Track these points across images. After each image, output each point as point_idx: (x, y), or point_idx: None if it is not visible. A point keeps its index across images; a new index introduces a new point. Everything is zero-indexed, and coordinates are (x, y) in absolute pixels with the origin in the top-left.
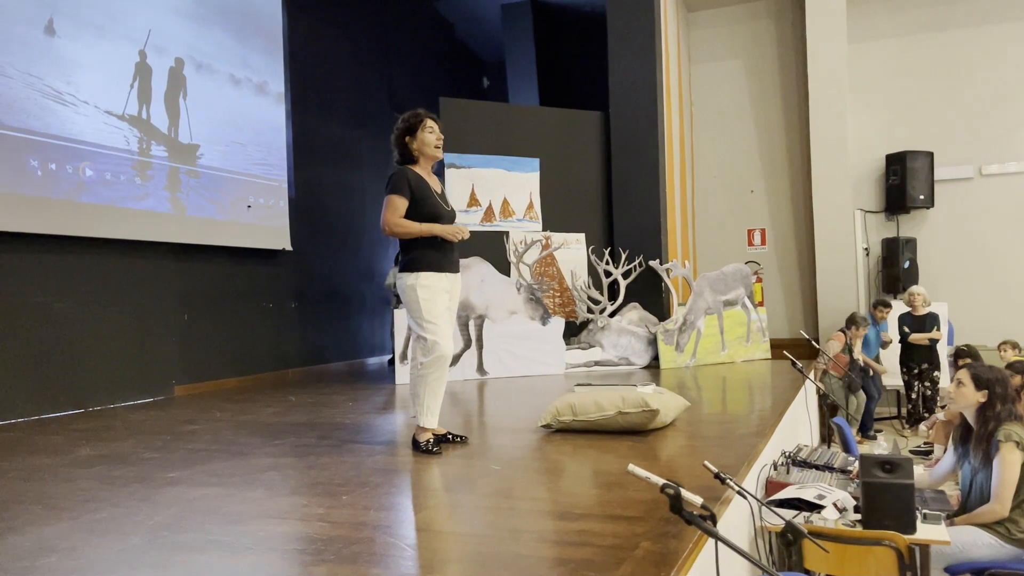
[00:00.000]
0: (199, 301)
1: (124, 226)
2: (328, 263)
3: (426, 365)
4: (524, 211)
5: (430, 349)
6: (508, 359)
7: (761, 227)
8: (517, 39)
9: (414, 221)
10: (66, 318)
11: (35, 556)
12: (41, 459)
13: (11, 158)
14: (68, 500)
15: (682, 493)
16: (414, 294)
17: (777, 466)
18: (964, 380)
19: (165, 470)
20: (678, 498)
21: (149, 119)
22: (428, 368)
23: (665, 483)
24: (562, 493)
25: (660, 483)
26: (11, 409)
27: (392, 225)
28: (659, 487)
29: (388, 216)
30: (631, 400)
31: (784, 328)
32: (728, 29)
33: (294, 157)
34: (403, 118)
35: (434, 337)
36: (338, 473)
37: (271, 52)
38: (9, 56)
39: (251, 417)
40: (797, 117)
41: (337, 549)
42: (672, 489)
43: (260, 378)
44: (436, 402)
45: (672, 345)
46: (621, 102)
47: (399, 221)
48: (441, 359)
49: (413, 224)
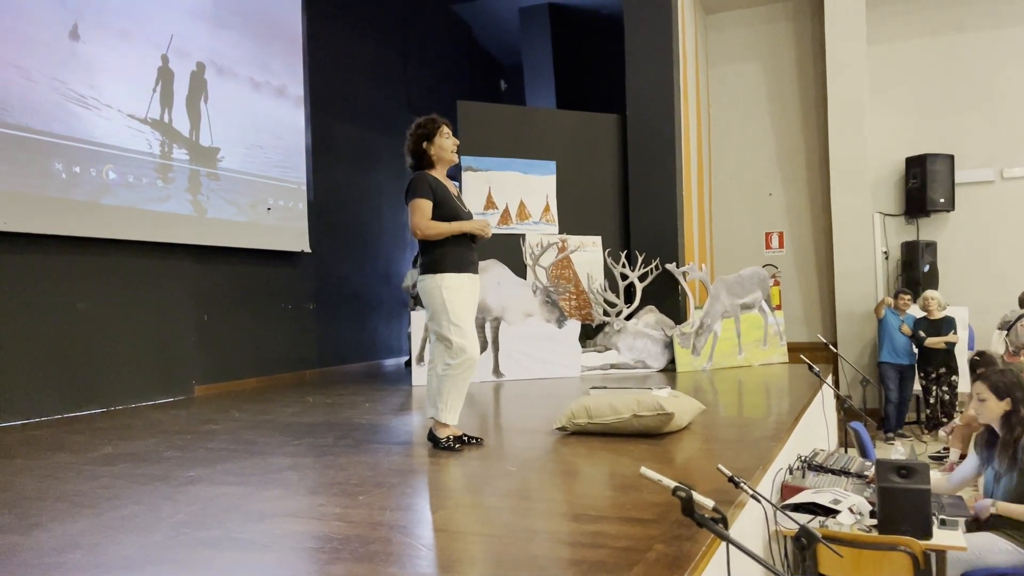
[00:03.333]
0: (219, 302)
1: (146, 228)
2: (346, 265)
3: (454, 367)
4: (541, 214)
5: (457, 352)
6: (524, 361)
7: (779, 230)
8: (534, 42)
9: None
10: (89, 318)
11: (59, 552)
12: (66, 457)
13: (36, 161)
14: (92, 497)
15: (694, 496)
16: (439, 295)
17: (793, 470)
18: (984, 394)
19: (186, 468)
20: (690, 501)
21: (171, 122)
22: (457, 369)
23: (677, 485)
24: (577, 495)
25: (672, 486)
26: (36, 408)
27: (423, 228)
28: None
29: (417, 220)
30: (646, 403)
31: (802, 332)
32: (746, 31)
33: (313, 160)
34: (418, 124)
35: (460, 339)
36: (355, 473)
37: (290, 56)
38: (34, 60)
39: (270, 417)
40: (816, 120)
41: (354, 548)
42: (684, 492)
43: (279, 378)
44: (460, 401)
45: (688, 348)
46: (638, 105)
47: (429, 223)
48: (469, 361)
49: (443, 224)
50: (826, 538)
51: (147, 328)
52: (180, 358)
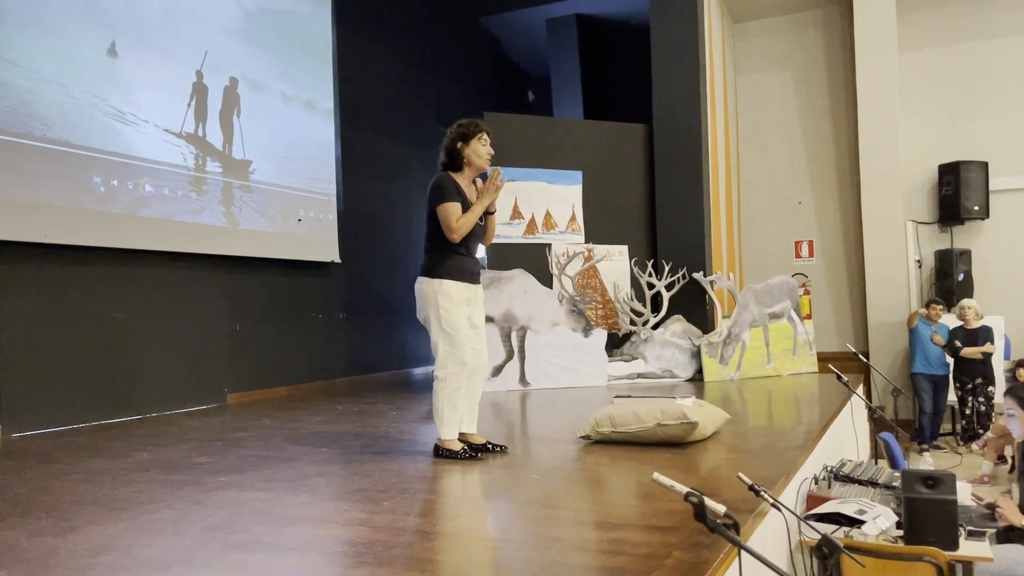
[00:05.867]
0: (251, 312)
1: (180, 239)
2: (376, 275)
3: (441, 379)
4: (567, 223)
5: (444, 361)
6: (550, 370)
7: (809, 239)
8: (562, 52)
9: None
10: (126, 328)
11: (94, 554)
12: (102, 463)
13: (76, 174)
14: (126, 501)
15: (706, 502)
16: (434, 300)
17: (818, 480)
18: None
19: (217, 474)
20: (702, 506)
21: (205, 136)
22: (446, 381)
23: (689, 492)
24: (599, 503)
25: (684, 491)
26: (75, 415)
27: (457, 228)
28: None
29: (451, 223)
30: (670, 412)
31: (833, 341)
32: (775, 39)
33: (343, 171)
34: (460, 123)
35: (449, 347)
36: (380, 480)
37: (321, 70)
38: (75, 78)
39: (299, 425)
40: (846, 127)
41: (376, 552)
42: (696, 498)
43: (309, 387)
44: (455, 414)
45: (716, 358)
46: (665, 114)
47: (459, 222)
48: (459, 371)
49: (470, 213)
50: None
51: (181, 337)
52: (213, 367)
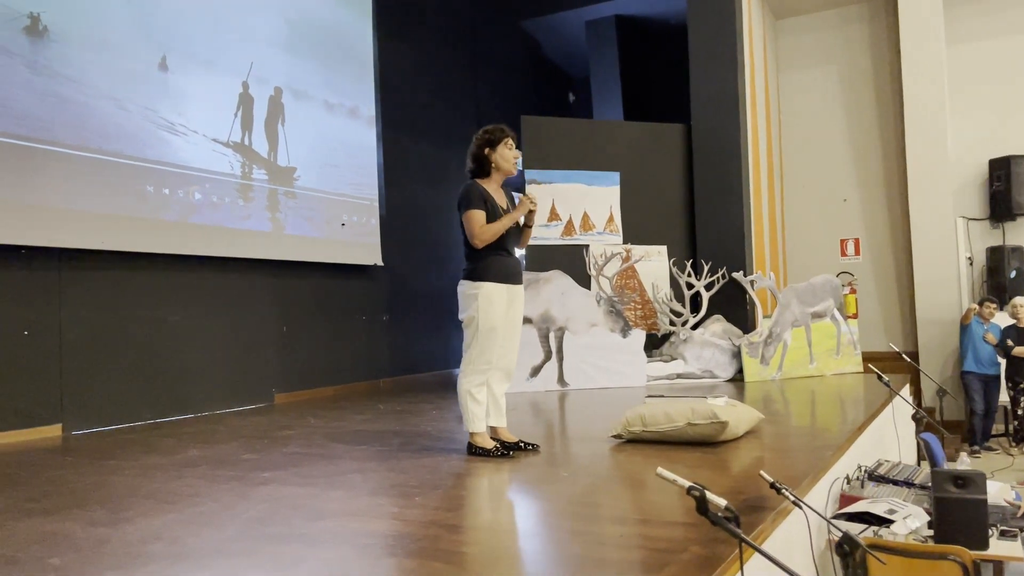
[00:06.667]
0: (297, 314)
1: (229, 245)
2: (418, 277)
3: (465, 372)
4: (604, 224)
5: (473, 358)
6: (589, 371)
7: (855, 237)
8: (601, 54)
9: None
10: (178, 330)
11: (143, 544)
12: (155, 459)
13: (130, 184)
14: (175, 495)
15: (707, 495)
16: (475, 303)
17: (851, 480)
18: None
19: (260, 470)
20: (703, 500)
21: (251, 145)
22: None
23: (691, 486)
24: (624, 499)
25: (687, 485)
26: (132, 414)
27: (481, 235)
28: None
29: (475, 230)
30: (700, 412)
31: (881, 341)
32: (818, 35)
33: (384, 176)
34: (485, 130)
35: (480, 347)
36: (414, 476)
37: (362, 78)
38: (128, 92)
39: (342, 424)
40: (892, 123)
41: (405, 545)
42: (697, 491)
43: (354, 387)
44: (479, 407)
45: (757, 358)
46: (703, 113)
47: (484, 228)
48: (485, 368)
49: (496, 224)
50: (874, 547)
51: (230, 339)
52: (261, 368)
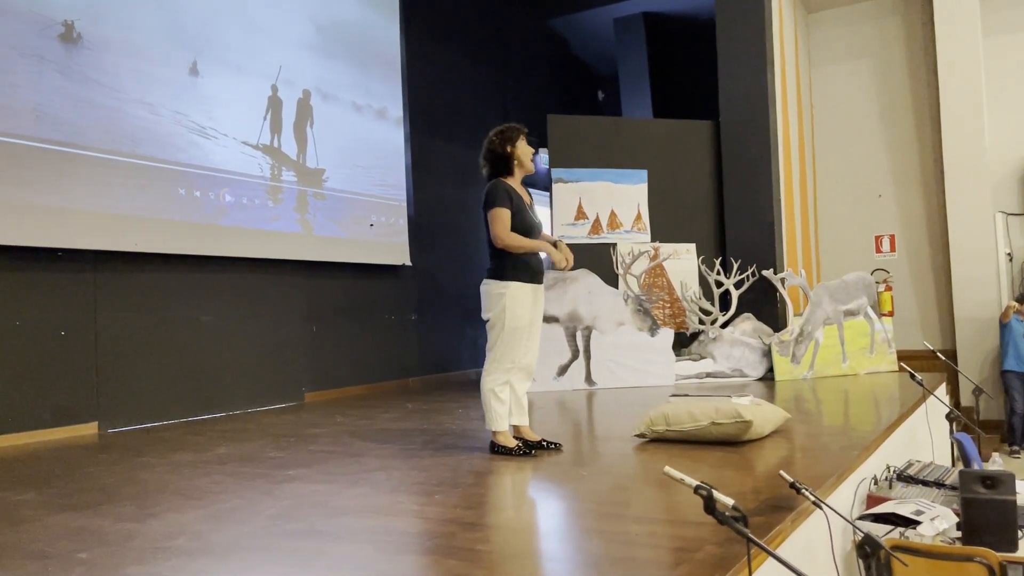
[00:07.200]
0: (327, 314)
1: (259, 246)
2: (446, 277)
3: (489, 371)
4: (632, 222)
5: (498, 357)
6: (617, 370)
7: (890, 233)
8: (630, 51)
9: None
10: (210, 330)
11: (168, 538)
12: (185, 456)
13: (162, 187)
14: (202, 491)
15: (714, 494)
16: (501, 302)
17: (879, 480)
18: None
19: (286, 468)
20: (711, 499)
21: (280, 147)
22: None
23: (698, 485)
24: (643, 498)
25: (694, 484)
26: (165, 412)
27: (505, 238)
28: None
29: (499, 230)
30: (724, 411)
31: (918, 340)
32: (851, 29)
33: (413, 177)
34: (500, 130)
35: (505, 347)
36: (436, 474)
37: (390, 79)
38: (160, 96)
39: (369, 422)
40: (929, 117)
41: (422, 542)
42: (704, 491)
43: (383, 386)
44: (502, 406)
45: (788, 356)
46: (732, 110)
47: (510, 235)
48: (509, 368)
49: (527, 240)
50: (899, 548)
51: (261, 339)
52: (291, 367)
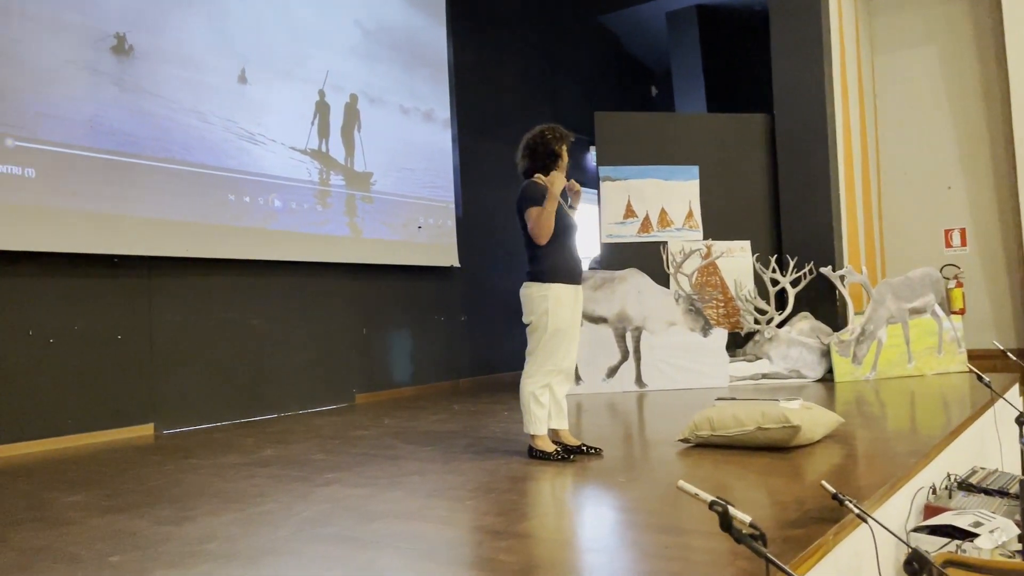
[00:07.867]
0: (377, 316)
1: (308, 249)
2: (495, 278)
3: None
4: (683, 220)
5: (541, 360)
6: (668, 371)
7: (961, 226)
8: (683, 46)
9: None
10: (261, 333)
11: (200, 542)
12: (232, 458)
13: (213, 193)
14: (241, 494)
15: (731, 511)
16: (544, 305)
17: (938, 490)
18: None
19: (326, 471)
20: (726, 515)
21: (328, 152)
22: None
23: (713, 500)
24: (676, 507)
25: (709, 500)
26: (218, 414)
27: (539, 230)
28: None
29: (535, 229)
30: (771, 415)
31: (991, 339)
32: (917, 14)
33: (461, 178)
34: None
35: (547, 349)
36: (472, 478)
37: (437, 81)
38: (210, 105)
39: (415, 424)
40: (999, 104)
41: (444, 550)
42: (720, 507)
43: (434, 387)
44: (542, 409)
45: (848, 357)
46: (787, 102)
47: (536, 223)
48: (550, 371)
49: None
50: (951, 563)
51: (312, 341)
52: (342, 368)
